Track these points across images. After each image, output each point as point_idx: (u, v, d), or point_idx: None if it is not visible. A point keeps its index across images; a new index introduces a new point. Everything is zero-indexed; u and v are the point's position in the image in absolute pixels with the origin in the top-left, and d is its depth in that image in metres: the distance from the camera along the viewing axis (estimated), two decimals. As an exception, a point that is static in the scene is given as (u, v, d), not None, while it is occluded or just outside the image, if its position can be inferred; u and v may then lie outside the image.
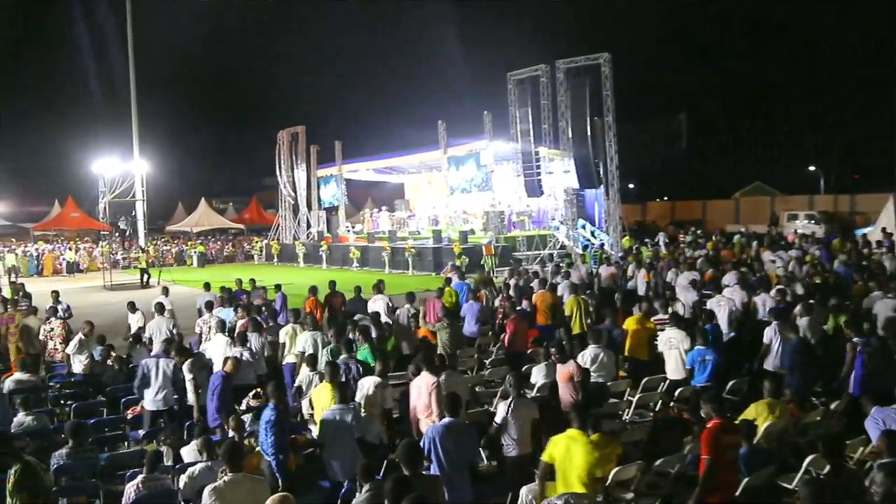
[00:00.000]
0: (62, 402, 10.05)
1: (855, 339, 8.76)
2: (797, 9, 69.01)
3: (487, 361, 11.93)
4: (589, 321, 12.53)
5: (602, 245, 27.49)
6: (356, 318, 11.99)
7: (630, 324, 10.51)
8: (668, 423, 7.98)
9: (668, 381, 9.64)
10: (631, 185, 57.10)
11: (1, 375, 10.50)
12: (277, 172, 41.50)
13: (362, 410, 7.37)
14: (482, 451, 7.56)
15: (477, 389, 10.03)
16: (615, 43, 30.31)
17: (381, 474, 6.98)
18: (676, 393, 9.16)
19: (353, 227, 39.89)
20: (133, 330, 13.23)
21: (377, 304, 13.17)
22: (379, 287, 13.86)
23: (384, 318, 12.30)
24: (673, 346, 9.63)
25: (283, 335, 10.97)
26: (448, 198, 33.89)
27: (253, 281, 17.24)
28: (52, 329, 12.38)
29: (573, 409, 6.23)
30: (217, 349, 10.12)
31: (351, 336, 9.90)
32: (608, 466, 6.11)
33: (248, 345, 9.91)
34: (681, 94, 76.29)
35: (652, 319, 10.77)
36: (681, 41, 75.91)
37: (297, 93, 66.03)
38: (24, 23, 60.75)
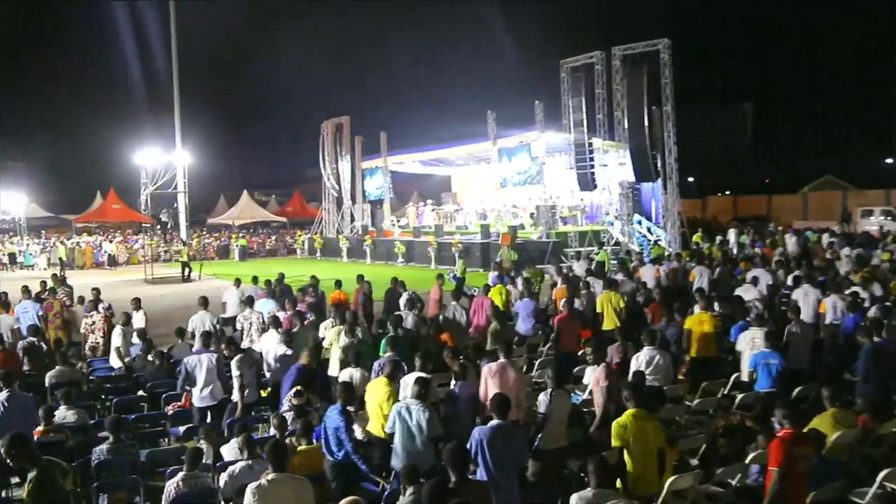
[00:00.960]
0: (103, 396, 10.32)
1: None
2: (874, -10, 66.78)
3: (537, 362, 11.85)
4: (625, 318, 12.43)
5: (657, 241, 27.10)
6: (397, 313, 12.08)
7: (693, 322, 10.34)
8: (729, 431, 7.81)
9: (731, 383, 9.44)
10: (690, 179, 56.09)
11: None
12: (321, 164, 41.90)
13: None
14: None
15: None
16: (675, 28, 29.80)
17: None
18: (738, 398, 8.95)
19: (398, 221, 40.06)
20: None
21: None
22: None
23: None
24: (757, 347, 9.40)
25: (323, 330, 11.16)
26: (497, 191, 33.77)
27: (315, 282, 17.34)
28: (94, 322, 12.75)
29: (627, 389, 6.55)
30: (270, 344, 10.36)
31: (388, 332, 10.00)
32: (665, 475, 6.01)
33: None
34: (746, 82, 74.54)
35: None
36: (747, 25, 74.14)
37: (341, 82, 66.63)
38: (65, 13, 62.54)
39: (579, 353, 10.85)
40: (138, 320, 13.20)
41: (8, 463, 5.35)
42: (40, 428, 7.72)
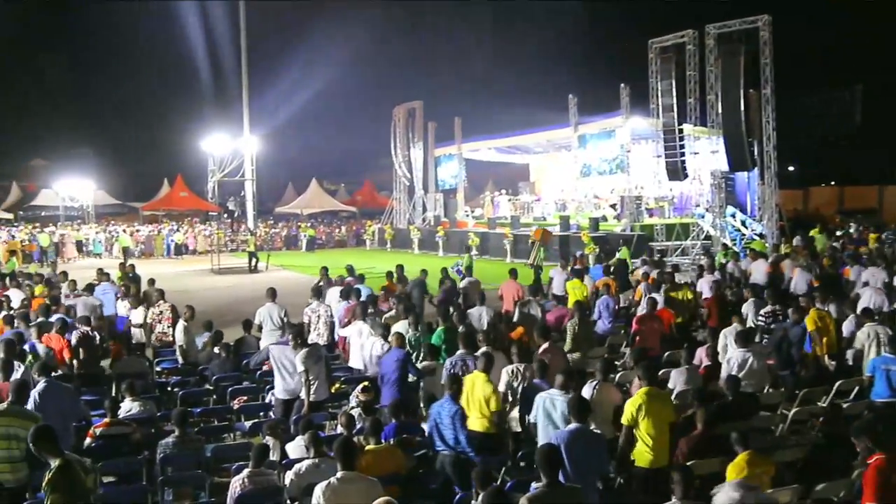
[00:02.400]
0: (169, 388, 10.68)
1: None
2: None
3: (618, 363, 11.67)
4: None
5: (758, 236, 26.36)
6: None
7: (813, 321, 10.12)
8: (832, 442, 7.50)
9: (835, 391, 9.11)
10: (791, 168, 54.24)
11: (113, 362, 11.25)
12: (392, 152, 42.24)
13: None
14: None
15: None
16: (776, 3, 28.76)
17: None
18: (847, 405, 8.59)
19: (472, 212, 40.10)
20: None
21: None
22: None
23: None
24: (883, 343, 9.06)
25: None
26: (577, 180, 33.46)
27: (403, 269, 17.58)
28: (161, 312, 13.14)
29: (640, 367, 7.21)
30: (355, 336, 10.78)
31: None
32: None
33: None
34: (855, 61, 71.40)
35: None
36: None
37: (413, 66, 66.94)
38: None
39: (663, 354, 10.70)
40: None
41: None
42: (105, 420, 8.00)
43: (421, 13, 68.45)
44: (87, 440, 7.72)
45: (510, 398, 8.26)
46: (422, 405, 8.31)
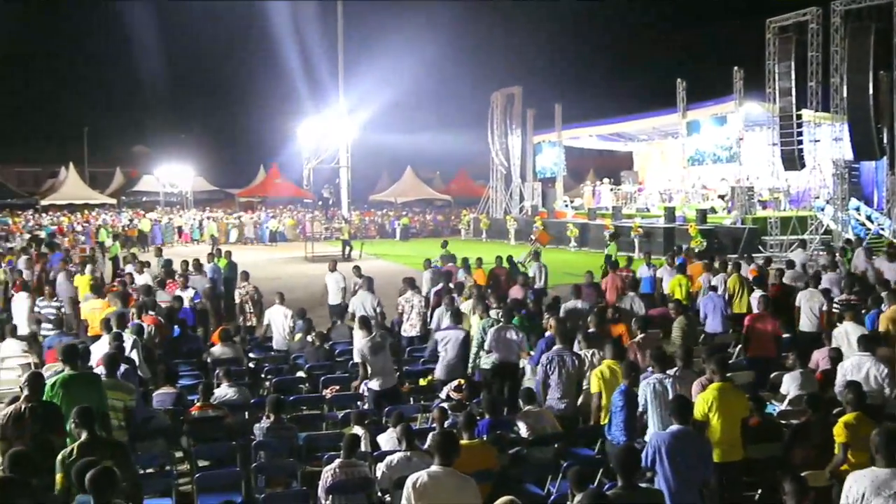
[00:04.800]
0: (261, 375, 11.03)
1: None
2: None
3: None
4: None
5: (878, 231, 25.16)
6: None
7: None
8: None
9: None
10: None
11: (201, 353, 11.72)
12: (489, 139, 42.24)
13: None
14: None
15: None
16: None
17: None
18: None
19: (571, 202, 39.75)
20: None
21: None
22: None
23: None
24: None
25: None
26: (685, 170, 32.74)
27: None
28: (247, 293, 13.99)
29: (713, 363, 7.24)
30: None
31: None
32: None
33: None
34: None
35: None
36: None
37: (512, 50, 66.65)
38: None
39: (776, 357, 10.35)
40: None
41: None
42: (198, 404, 8.35)
43: (520, -3, 68.10)
44: (185, 424, 8.07)
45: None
46: (520, 400, 8.31)
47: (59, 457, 5.66)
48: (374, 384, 9.43)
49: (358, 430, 7.65)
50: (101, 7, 67.93)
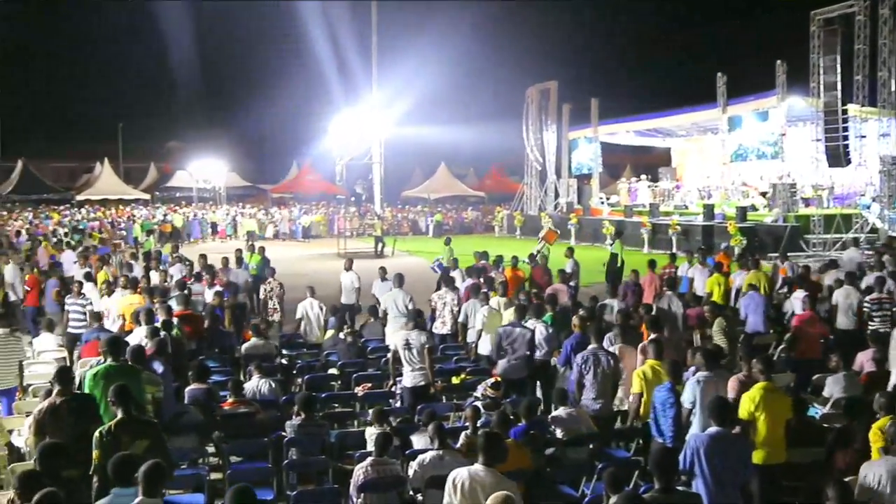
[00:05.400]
0: (293, 371, 11.11)
1: None
2: None
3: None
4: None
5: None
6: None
7: None
8: None
9: None
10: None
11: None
12: (524, 134, 42.18)
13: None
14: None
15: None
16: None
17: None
18: None
19: (607, 199, 39.54)
20: None
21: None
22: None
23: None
24: None
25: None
26: (724, 166, 32.40)
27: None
28: (272, 289, 14.24)
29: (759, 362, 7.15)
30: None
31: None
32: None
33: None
34: None
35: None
36: None
37: (548, 43, 66.35)
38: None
39: (821, 359, 10.20)
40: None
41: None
42: (230, 399, 8.43)
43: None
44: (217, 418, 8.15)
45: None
46: (553, 403, 8.30)
47: (96, 434, 5.86)
48: (409, 381, 9.51)
49: (376, 429, 7.62)
50: (136, 5, 68.84)
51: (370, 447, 7.18)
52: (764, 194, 30.55)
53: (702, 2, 69.51)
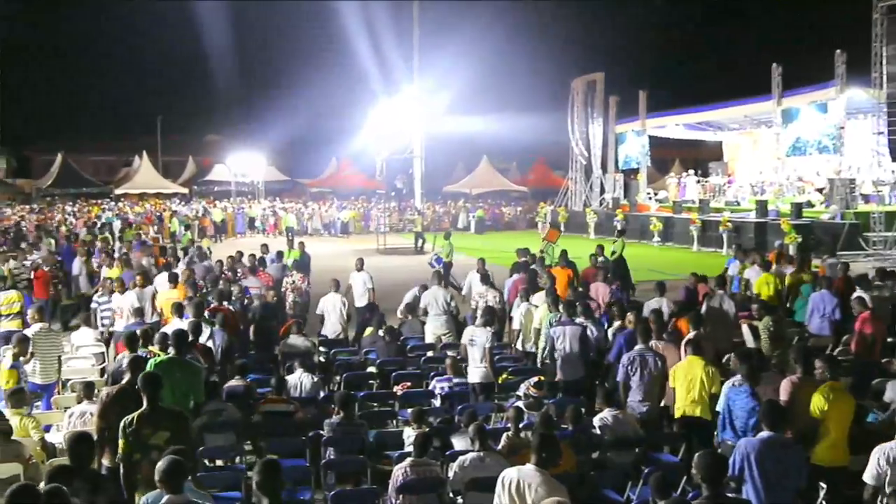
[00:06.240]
0: (331, 369, 11.19)
1: None
2: None
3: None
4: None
5: None
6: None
7: None
8: None
9: None
10: None
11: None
12: (569, 128, 41.96)
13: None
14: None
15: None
16: None
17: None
18: None
19: (655, 194, 39.19)
20: None
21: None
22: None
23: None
24: None
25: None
26: (779, 161, 31.89)
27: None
28: (294, 282, 14.47)
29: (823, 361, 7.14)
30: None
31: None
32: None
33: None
34: None
35: None
36: None
37: (594, 34, 65.92)
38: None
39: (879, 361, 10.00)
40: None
41: None
42: (271, 396, 8.52)
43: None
44: (255, 415, 8.24)
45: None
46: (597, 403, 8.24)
47: (121, 424, 6.02)
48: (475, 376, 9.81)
49: (414, 430, 7.63)
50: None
51: (408, 448, 7.22)
52: (821, 190, 30.02)
53: (756, -11, 68.51)
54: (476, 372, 9.84)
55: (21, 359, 8.87)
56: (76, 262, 16.78)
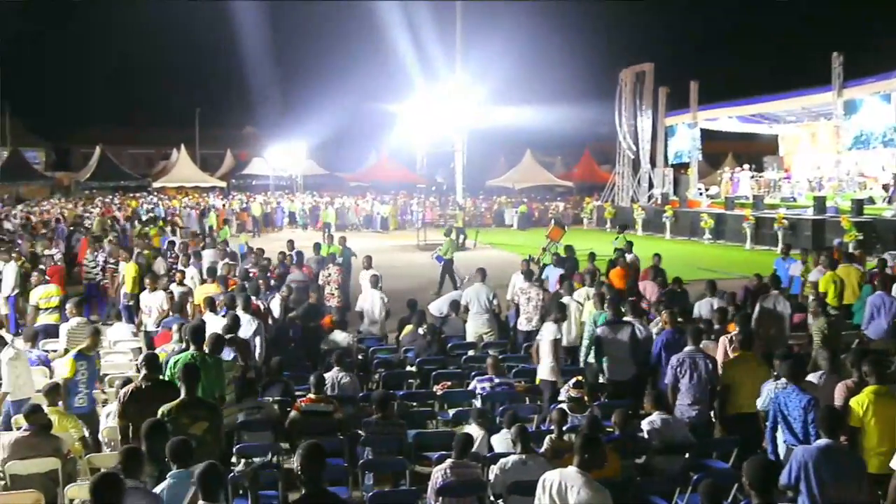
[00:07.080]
0: (370, 367, 11.24)
1: None
2: None
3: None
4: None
5: None
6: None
7: None
8: None
9: None
10: None
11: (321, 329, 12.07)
12: (616, 121, 41.68)
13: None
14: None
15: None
16: None
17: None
18: None
19: (706, 190, 38.75)
20: None
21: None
22: None
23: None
24: None
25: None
26: (839, 155, 31.28)
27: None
28: (330, 275, 14.60)
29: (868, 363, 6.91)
30: None
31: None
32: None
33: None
34: None
35: None
36: None
37: (643, 23, 65.31)
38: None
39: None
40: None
41: None
42: (311, 395, 8.57)
43: (655, -38, 66.50)
44: (293, 413, 8.29)
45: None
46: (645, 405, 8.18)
47: (158, 414, 6.36)
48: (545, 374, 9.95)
49: (474, 429, 7.65)
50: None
51: (476, 447, 7.24)
52: (885, 186, 29.41)
53: (814, -25, 67.29)
54: (545, 370, 9.99)
55: (90, 353, 8.94)
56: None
